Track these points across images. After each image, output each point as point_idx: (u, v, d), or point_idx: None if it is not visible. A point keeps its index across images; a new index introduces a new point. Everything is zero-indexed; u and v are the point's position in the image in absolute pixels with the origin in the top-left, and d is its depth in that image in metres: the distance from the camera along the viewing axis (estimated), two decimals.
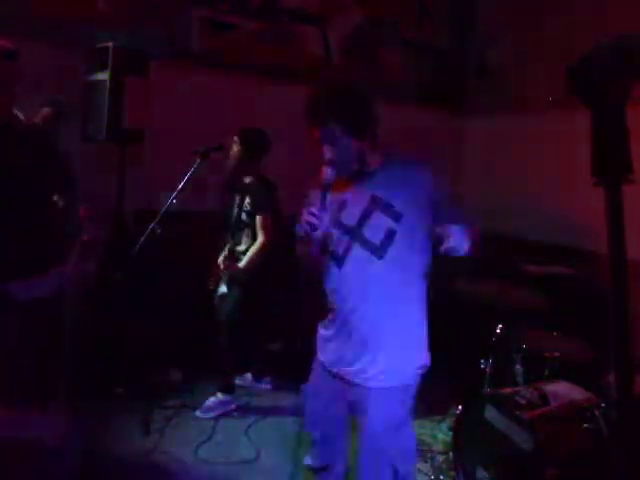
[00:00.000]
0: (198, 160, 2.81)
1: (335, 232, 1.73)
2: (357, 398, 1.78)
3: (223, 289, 3.20)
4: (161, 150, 3.52)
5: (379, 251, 1.67)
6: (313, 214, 1.55)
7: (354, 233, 1.70)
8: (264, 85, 4.00)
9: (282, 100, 3.85)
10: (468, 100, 4.94)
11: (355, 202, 1.72)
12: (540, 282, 3.00)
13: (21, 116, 2.15)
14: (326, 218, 1.61)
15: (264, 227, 3.10)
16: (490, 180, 4.55)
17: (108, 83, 3.11)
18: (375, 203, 1.68)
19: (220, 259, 3.23)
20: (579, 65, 0.78)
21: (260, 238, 3.11)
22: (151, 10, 3.65)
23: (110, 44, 3.12)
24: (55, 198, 2.13)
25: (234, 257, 3.18)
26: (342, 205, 1.74)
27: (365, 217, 1.69)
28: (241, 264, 3.13)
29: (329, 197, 1.60)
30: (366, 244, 1.69)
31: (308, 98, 1.68)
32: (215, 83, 3.84)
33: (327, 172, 1.61)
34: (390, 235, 1.66)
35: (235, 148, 3.15)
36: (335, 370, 1.80)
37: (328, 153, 1.64)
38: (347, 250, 1.72)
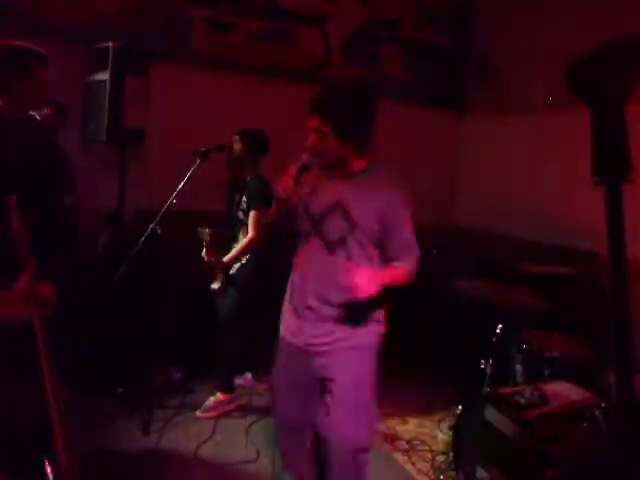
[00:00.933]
0: (198, 161, 2.81)
1: (303, 215, 1.90)
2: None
3: (216, 285, 3.19)
4: (161, 150, 3.52)
5: (331, 247, 1.85)
6: (288, 185, 1.75)
7: (316, 223, 1.87)
8: (264, 85, 4.00)
9: (282, 100, 3.85)
10: (468, 100, 4.94)
11: (324, 196, 1.87)
12: (540, 282, 3.00)
13: (38, 117, 2.25)
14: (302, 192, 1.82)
15: (255, 223, 3.08)
16: (490, 180, 4.55)
17: (108, 83, 3.11)
18: (338, 207, 1.83)
19: (203, 252, 3.20)
20: (579, 65, 0.78)
21: (250, 233, 3.09)
22: (151, 10, 3.65)
23: (110, 44, 3.12)
24: (62, 197, 2.17)
25: (216, 250, 3.15)
26: (314, 193, 1.90)
27: (326, 214, 1.85)
28: (226, 258, 3.12)
29: (303, 177, 1.79)
30: (322, 237, 1.86)
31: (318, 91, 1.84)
32: (215, 83, 3.84)
33: (305, 156, 1.81)
34: (342, 240, 1.83)
35: (236, 147, 3.16)
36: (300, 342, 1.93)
37: (312, 141, 1.81)
38: (308, 235, 1.91)
